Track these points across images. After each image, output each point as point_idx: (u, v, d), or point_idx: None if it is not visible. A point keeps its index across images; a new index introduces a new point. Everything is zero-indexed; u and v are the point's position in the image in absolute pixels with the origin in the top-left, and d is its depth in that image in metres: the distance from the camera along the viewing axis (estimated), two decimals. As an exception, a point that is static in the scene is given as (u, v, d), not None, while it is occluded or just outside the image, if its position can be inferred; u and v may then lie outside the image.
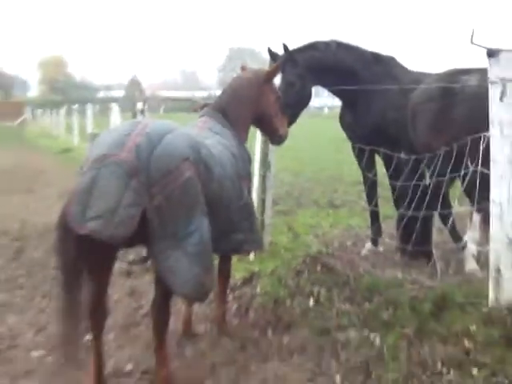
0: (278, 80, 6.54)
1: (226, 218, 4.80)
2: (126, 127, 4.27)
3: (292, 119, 6.84)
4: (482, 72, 6.05)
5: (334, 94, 7.87)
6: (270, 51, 7.12)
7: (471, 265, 6.43)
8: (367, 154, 6.98)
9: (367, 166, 7.42)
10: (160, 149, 4.04)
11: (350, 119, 7.58)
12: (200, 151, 4.37)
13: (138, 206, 3.91)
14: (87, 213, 3.86)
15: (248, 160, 5.49)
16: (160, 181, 3.99)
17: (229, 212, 4.82)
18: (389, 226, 7.99)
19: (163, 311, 4.41)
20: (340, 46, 7.32)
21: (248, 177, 5.45)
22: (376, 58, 7.48)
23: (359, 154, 7.50)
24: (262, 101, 5.65)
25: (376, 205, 7.49)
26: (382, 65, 7.46)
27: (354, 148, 7.68)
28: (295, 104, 6.93)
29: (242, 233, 5.15)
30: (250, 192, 5.56)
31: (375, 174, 7.59)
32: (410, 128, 6.77)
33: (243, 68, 6.01)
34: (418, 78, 7.20)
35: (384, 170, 7.49)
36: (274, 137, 6.02)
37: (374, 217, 7.70)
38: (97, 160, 4.01)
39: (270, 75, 5.75)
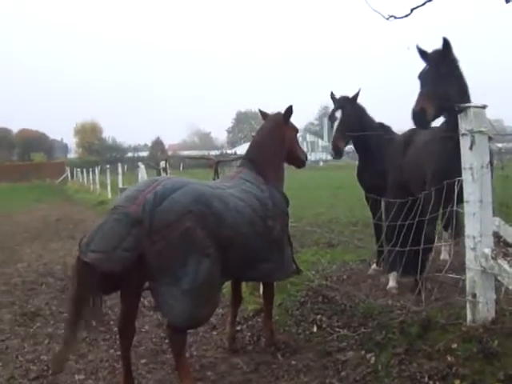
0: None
1: (246, 253, 4.87)
2: (143, 184, 4.56)
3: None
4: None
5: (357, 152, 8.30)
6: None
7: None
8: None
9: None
10: (164, 205, 4.25)
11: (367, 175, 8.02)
12: (211, 204, 4.52)
13: (134, 251, 4.12)
14: (90, 245, 4.11)
15: (281, 200, 5.54)
16: (161, 230, 4.19)
17: (247, 248, 4.86)
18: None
19: (175, 338, 4.47)
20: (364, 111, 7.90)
21: (282, 215, 5.47)
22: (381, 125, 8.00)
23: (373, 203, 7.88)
24: (287, 139, 5.78)
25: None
26: (384, 130, 7.93)
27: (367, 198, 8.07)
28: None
29: (272, 263, 5.23)
30: (286, 226, 5.62)
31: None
32: None
33: (264, 116, 6.03)
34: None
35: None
36: (297, 163, 6.11)
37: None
38: (112, 209, 4.36)
39: (286, 116, 5.81)
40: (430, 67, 5.86)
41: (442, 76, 5.75)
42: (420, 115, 5.58)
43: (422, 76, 5.86)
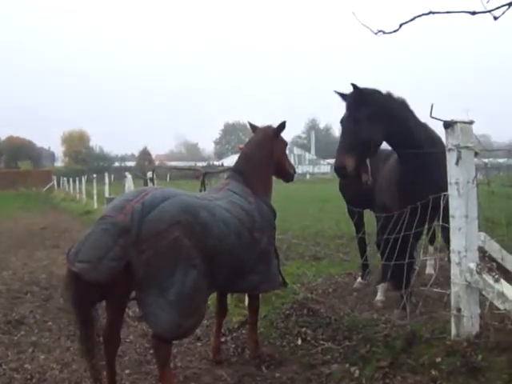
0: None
1: (233, 264, 4.86)
2: (131, 194, 4.56)
3: None
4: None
5: None
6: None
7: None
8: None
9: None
10: (153, 214, 4.25)
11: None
12: (198, 215, 4.51)
13: (121, 260, 4.12)
14: (78, 255, 4.13)
15: (269, 212, 5.52)
16: (150, 239, 4.18)
17: (233, 259, 4.85)
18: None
19: (160, 349, 4.43)
20: None
21: (269, 227, 5.45)
22: None
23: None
24: (275, 153, 5.76)
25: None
26: None
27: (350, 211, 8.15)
28: None
29: (258, 274, 5.23)
30: (273, 238, 5.58)
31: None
32: None
33: (253, 128, 5.99)
34: None
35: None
36: (286, 177, 6.06)
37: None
38: (100, 219, 4.35)
39: (278, 130, 5.79)
40: (348, 112, 5.66)
41: (364, 119, 5.51)
42: (341, 171, 5.59)
43: (343, 122, 5.69)
